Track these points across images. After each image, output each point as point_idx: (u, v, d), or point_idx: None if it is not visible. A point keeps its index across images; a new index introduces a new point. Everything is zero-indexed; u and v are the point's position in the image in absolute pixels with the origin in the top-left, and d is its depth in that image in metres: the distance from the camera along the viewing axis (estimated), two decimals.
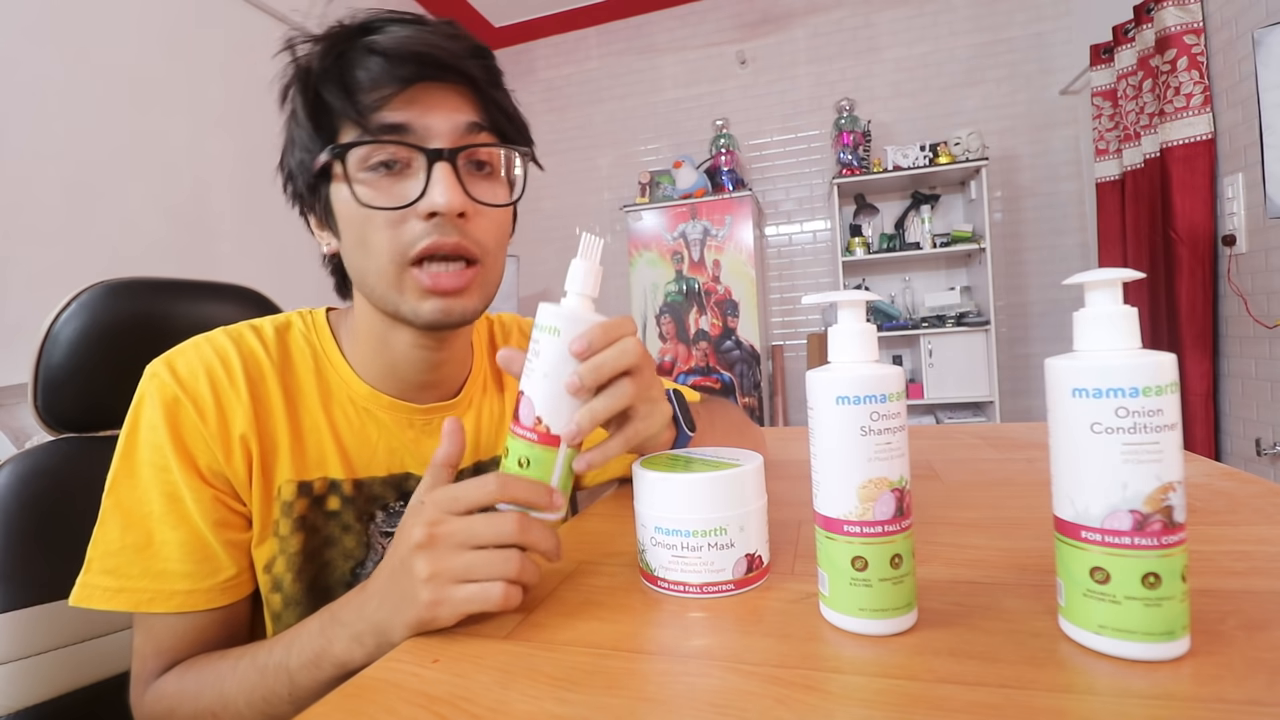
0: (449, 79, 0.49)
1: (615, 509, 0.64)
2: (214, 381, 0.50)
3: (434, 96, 0.48)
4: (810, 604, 0.38)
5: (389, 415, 0.57)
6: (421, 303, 0.50)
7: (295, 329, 0.57)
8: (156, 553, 0.47)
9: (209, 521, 0.48)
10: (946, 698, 0.28)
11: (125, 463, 0.48)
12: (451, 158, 0.48)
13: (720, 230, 2.94)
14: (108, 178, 1.76)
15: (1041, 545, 0.45)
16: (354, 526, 0.54)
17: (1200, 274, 2.02)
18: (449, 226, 0.48)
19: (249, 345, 0.53)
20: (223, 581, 0.49)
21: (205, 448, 0.49)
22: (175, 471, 0.48)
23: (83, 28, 1.73)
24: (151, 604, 0.47)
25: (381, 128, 0.47)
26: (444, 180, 0.47)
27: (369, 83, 0.47)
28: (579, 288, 0.43)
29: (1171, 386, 0.29)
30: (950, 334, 2.79)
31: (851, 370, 0.35)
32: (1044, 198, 2.97)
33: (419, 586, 0.37)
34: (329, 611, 0.42)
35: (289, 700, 0.42)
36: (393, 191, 0.48)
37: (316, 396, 0.54)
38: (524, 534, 0.38)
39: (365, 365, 0.56)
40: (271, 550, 0.51)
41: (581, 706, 0.30)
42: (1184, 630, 0.30)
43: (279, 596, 0.51)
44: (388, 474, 0.56)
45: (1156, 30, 2.07)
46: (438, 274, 0.49)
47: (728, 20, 3.35)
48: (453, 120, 0.49)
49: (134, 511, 0.48)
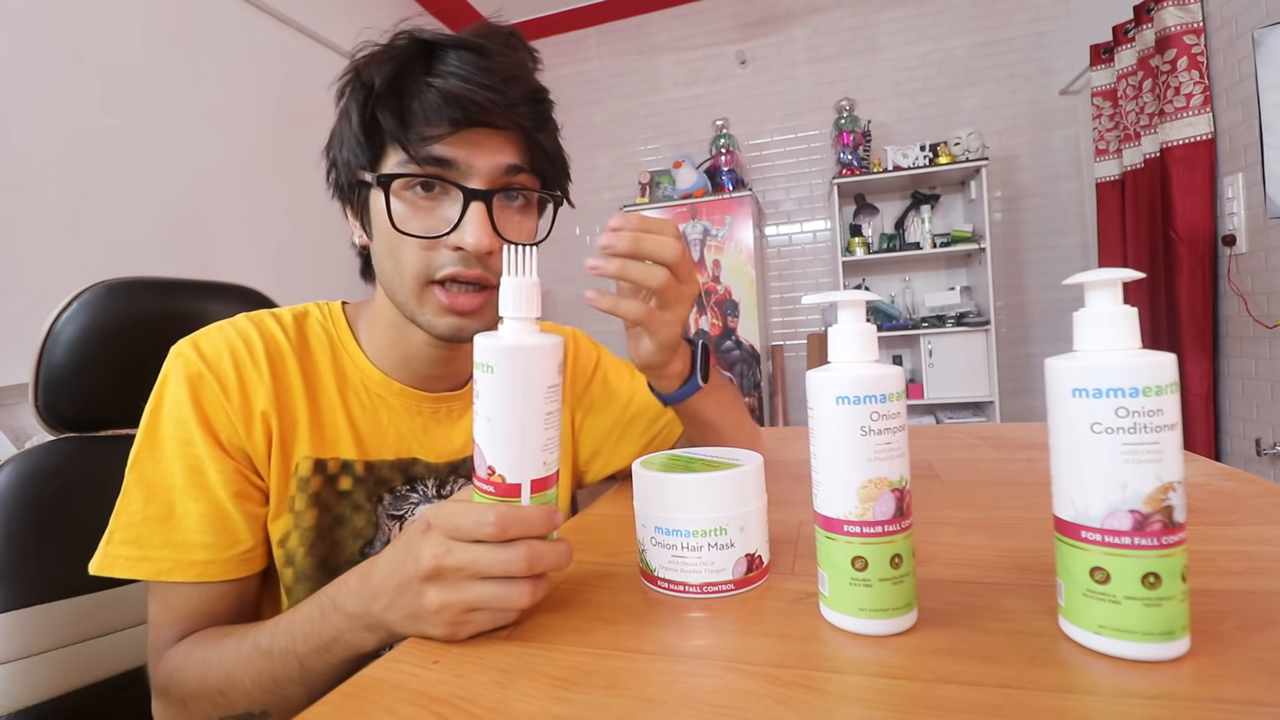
0: (499, 125, 0.51)
1: (615, 509, 0.64)
2: (237, 360, 0.53)
3: (482, 137, 0.51)
4: (810, 604, 0.38)
5: (400, 401, 0.59)
6: (439, 318, 0.53)
7: (313, 318, 0.60)
8: (178, 524, 0.49)
9: (230, 492, 0.50)
10: (946, 698, 0.28)
11: (149, 437, 0.50)
12: (487, 198, 0.51)
13: (720, 230, 2.94)
14: (108, 178, 1.76)
15: (1041, 545, 0.45)
16: (364, 506, 0.56)
17: (1200, 274, 2.02)
18: (474, 260, 0.51)
19: (270, 329, 0.56)
20: (241, 553, 0.51)
21: (227, 421, 0.51)
22: (199, 444, 0.50)
23: (83, 27, 1.73)
24: (171, 573, 0.48)
25: (428, 159, 0.50)
26: (476, 220, 0.50)
27: (423, 118, 0.49)
28: (513, 310, 0.38)
29: (1171, 386, 0.29)
30: (950, 334, 2.79)
31: (851, 370, 0.35)
32: (1044, 198, 2.97)
33: (430, 616, 0.36)
34: (327, 596, 0.42)
35: (299, 682, 0.43)
36: (428, 217, 0.51)
37: (332, 380, 0.57)
38: (533, 567, 0.36)
39: (380, 354, 0.59)
40: (286, 525, 0.53)
41: (581, 706, 0.30)
42: (1184, 630, 0.30)
43: (291, 571, 0.53)
44: (396, 458, 0.59)
45: (1156, 30, 2.07)
46: (456, 295, 0.52)
47: (728, 20, 3.35)
48: (494, 161, 0.51)
49: (157, 484, 0.49)
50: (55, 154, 1.65)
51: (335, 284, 2.53)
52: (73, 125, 1.69)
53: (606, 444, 0.73)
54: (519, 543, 0.36)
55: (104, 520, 0.50)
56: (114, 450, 0.65)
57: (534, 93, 0.53)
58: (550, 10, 3.44)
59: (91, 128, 1.73)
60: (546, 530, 0.38)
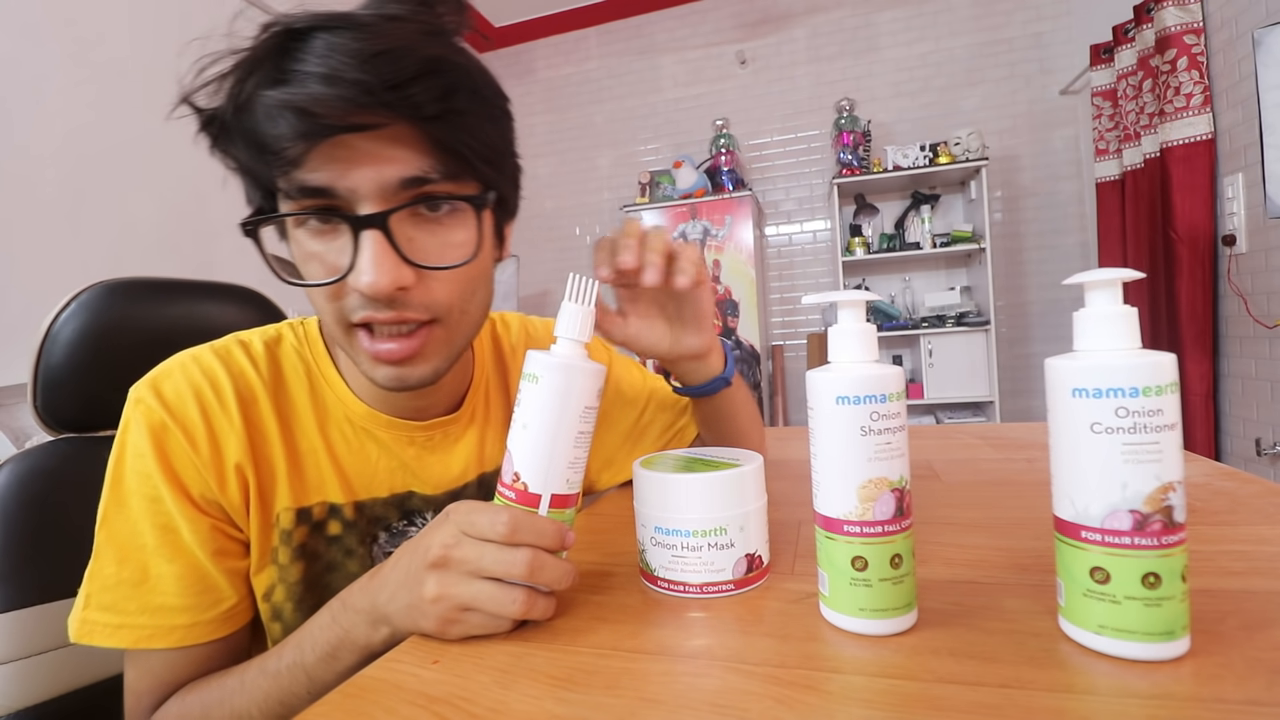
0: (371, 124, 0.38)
1: (615, 509, 0.64)
2: (204, 406, 0.47)
3: (359, 147, 0.39)
4: (810, 604, 0.38)
5: (388, 434, 0.53)
6: (374, 369, 0.46)
7: (287, 343, 0.53)
8: (153, 587, 0.45)
9: (208, 551, 0.46)
10: (946, 698, 0.28)
11: (114, 493, 0.46)
12: (380, 223, 0.40)
13: (720, 230, 2.94)
14: (108, 177, 1.76)
15: (1041, 545, 0.45)
16: (356, 551, 0.52)
17: (1200, 274, 2.02)
18: (381, 303, 0.42)
19: (238, 365, 0.50)
20: (224, 611, 0.47)
21: (198, 476, 0.46)
22: (168, 501, 0.45)
23: (83, 27, 1.73)
24: (151, 640, 0.45)
25: (302, 191, 0.40)
26: (369, 255, 0.40)
27: (273, 138, 0.39)
28: (567, 332, 0.41)
29: (1171, 386, 0.29)
30: (950, 334, 2.79)
31: (851, 370, 0.35)
32: (1044, 198, 2.97)
33: (427, 605, 0.36)
34: (339, 600, 0.42)
35: (308, 697, 0.41)
36: (325, 257, 0.43)
37: (312, 417, 0.51)
38: (533, 575, 0.36)
39: (361, 382, 0.53)
40: (270, 579, 0.49)
41: (581, 706, 0.30)
42: (1184, 630, 0.30)
43: (279, 625, 0.50)
44: (389, 494, 0.54)
45: (1156, 30, 2.07)
46: (379, 341, 0.44)
47: (728, 20, 3.35)
48: (379, 177, 0.40)
49: (127, 544, 0.45)
50: (54, 153, 1.65)
51: None
52: (72, 124, 1.69)
53: (620, 453, 0.71)
54: (524, 548, 0.37)
55: None
56: None
57: (428, 66, 0.39)
58: (550, 10, 3.44)
59: (91, 127, 1.73)
60: (556, 545, 0.38)
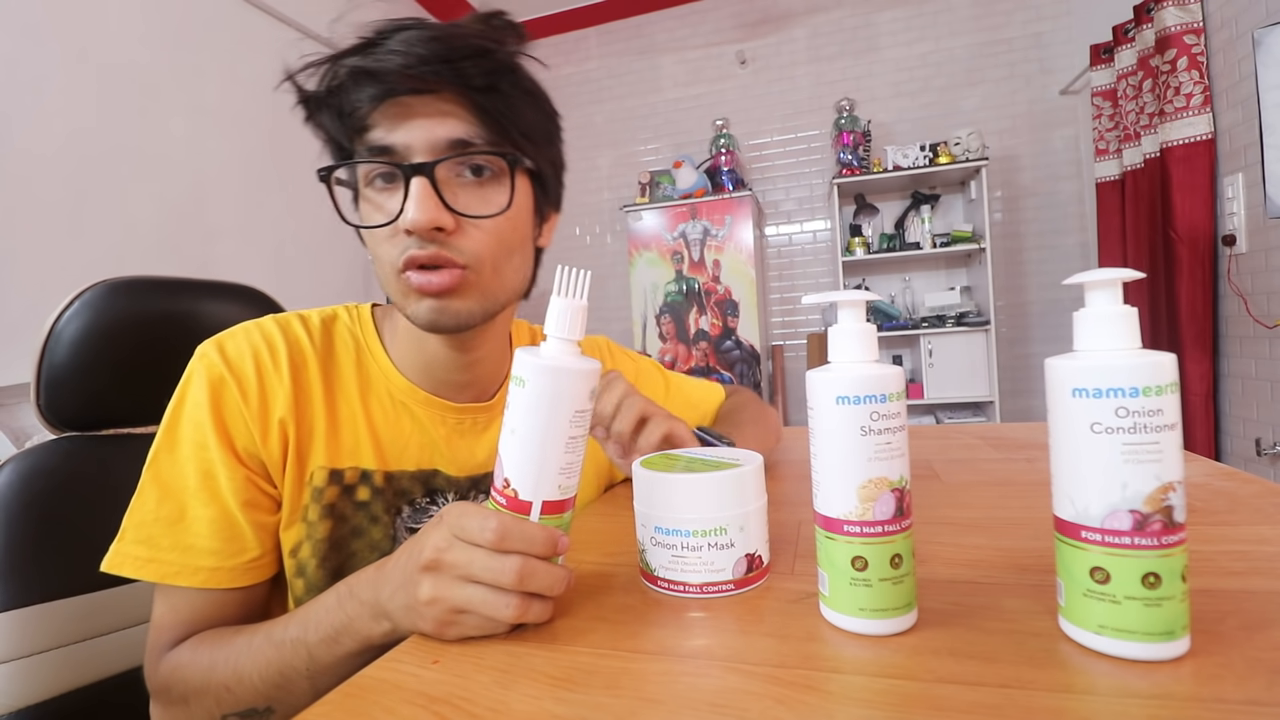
0: (425, 89, 0.48)
1: (615, 509, 0.64)
2: (259, 364, 0.52)
3: (416, 110, 0.48)
4: (810, 604, 0.38)
5: (424, 411, 0.58)
6: (417, 305, 0.51)
7: (341, 321, 0.59)
8: (188, 528, 0.49)
9: (239, 501, 0.50)
10: (946, 698, 0.28)
11: (167, 437, 0.50)
12: (428, 171, 0.48)
13: (720, 230, 2.93)
14: (108, 178, 1.76)
15: (1041, 545, 0.45)
16: (381, 519, 0.55)
17: (1200, 274, 2.02)
18: (426, 241, 0.49)
19: (294, 333, 0.56)
20: (247, 561, 0.50)
21: (245, 428, 0.51)
22: (213, 449, 0.49)
23: (83, 27, 1.73)
24: (177, 577, 0.48)
25: (370, 150, 0.49)
26: (416, 196, 0.47)
27: (350, 105, 0.48)
28: (556, 330, 0.39)
29: (1171, 386, 0.30)
30: (950, 334, 2.79)
31: (851, 370, 0.35)
32: (1044, 198, 2.97)
33: (422, 607, 0.37)
34: (346, 585, 0.42)
35: (306, 675, 0.42)
36: (385, 204, 0.50)
37: (355, 386, 0.57)
38: (523, 582, 0.36)
39: (405, 360, 0.58)
40: (299, 535, 0.52)
41: (581, 706, 0.30)
42: (1184, 630, 0.30)
43: (302, 581, 0.52)
44: (417, 469, 0.58)
45: (1156, 30, 2.07)
46: (420, 277, 0.50)
47: (728, 20, 3.35)
48: (431, 134, 0.48)
49: (171, 485, 0.49)
50: (56, 153, 1.65)
51: (334, 283, 2.53)
52: (73, 124, 1.69)
53: None
54: (513, 555, 0.36)
55: (105, 520, 0.50)
56: (115, 449, 0.66)
57: (479, 50, 0.48)
58: (550, 10, 3.44)
59: (92, 127, 1.74)
60: (546, 551, 0.37)
